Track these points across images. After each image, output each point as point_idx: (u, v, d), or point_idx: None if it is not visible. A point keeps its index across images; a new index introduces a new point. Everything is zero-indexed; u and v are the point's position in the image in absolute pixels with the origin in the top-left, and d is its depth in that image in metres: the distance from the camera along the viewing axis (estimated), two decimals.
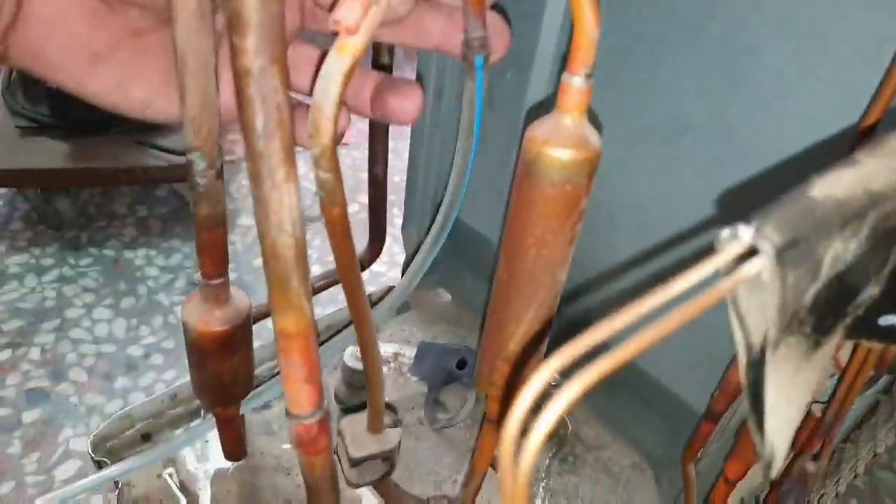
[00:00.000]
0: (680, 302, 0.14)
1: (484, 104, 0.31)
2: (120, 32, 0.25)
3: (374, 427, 0.38)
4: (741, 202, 0.39)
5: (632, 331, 0.13)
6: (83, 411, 0.83)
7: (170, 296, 1.01)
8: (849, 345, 0.35)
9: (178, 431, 0.61)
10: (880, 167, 0.15)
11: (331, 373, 0.65)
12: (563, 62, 0.23)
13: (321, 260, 1.12)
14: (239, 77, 0.17)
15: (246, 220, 1.20)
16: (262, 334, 0.42)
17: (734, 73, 0.37)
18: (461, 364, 0.64)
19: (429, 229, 0.67)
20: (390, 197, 1.30)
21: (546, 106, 0.24)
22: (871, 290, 0.17)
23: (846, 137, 0.33)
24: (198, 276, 0.33)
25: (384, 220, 0.63)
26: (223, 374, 0.34)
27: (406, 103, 0.27)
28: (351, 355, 0.59)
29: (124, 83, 0.25)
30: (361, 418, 0.39)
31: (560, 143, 0.24)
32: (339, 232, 0.26)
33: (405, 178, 0.64)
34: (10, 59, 0.24)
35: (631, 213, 0.46)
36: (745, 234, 0.14)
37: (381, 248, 0.65)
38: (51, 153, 1.07)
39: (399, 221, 0.70)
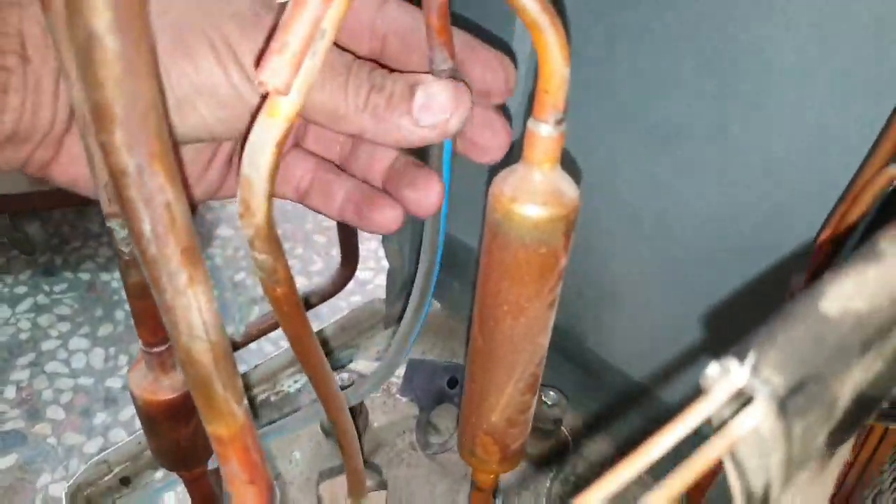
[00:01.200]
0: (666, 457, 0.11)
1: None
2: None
3: (356, 492, 0.35)
4: (739, 209, 0.36)
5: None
6: (61, 453, 0.80)
7: None
8: None
9: (158, 474, 0.58)
10: None
11: (315, 399, 0.62)
12: (531, 96, 0.20)
13: (304, 271, 1.09)
14: (115, 178, 0.14)
15: (225, 231, 1.17)
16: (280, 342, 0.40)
17: (731, 76, 0.34)
18: (452, 382, 0.61)
19: (410, 240, 0.64)
20: None
21: (513, 151, 0.21)
22: None
23: (849, 141, 0.30)
24: (140, 343, 0.31)
25: (355, 240, 0.60)
26: (180, 440, 0.33)
27: (425, 195, 0.27)
28: (343, 381, 0.57)
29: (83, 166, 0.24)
30: (342, 481, 0.36)
31: (530, 199, 0.20)
32: (286, 312, 0.23)
33: None
34: (51, 181, 0.25)
35: (625, 221, 0.43)
36: (738, 375, 0.11)
37: (353, 270, 0.62)
38: (16, 177, 1.03)
39: None
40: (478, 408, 0.26)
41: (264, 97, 0.18)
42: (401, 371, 0.63)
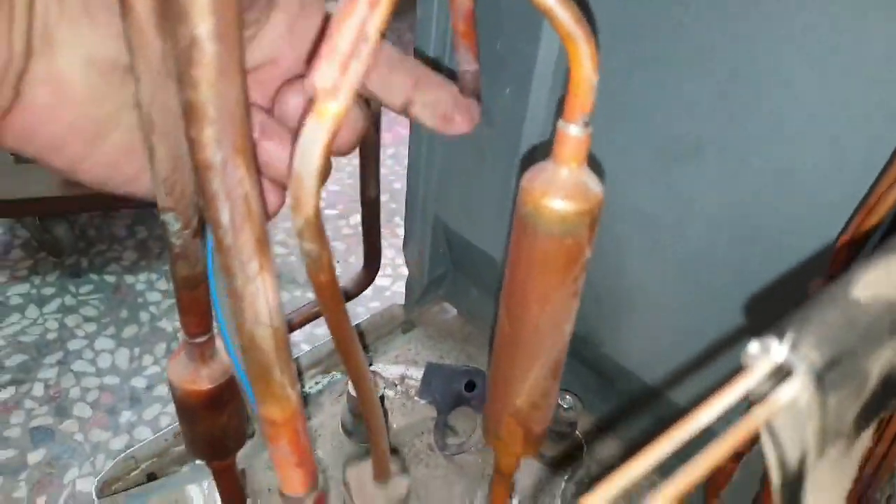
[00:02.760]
0: (709, 431, 0.12)
1: (482, 119, 0.30)
2: (119, 108, 0.23)
3: (380, 475, 0.36)
4: (755, 220, 0.37)
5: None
6: (88, 449, 0.82)
7: (172, 321, 1.00)
8: None
9: (184, 469, 0.60)
10: None
11: (336, 399, 0.63)
12: (561, 99, 0.21)
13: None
14: (200, 171, 0.16)
15: None
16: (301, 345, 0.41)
17: (748, 91, 0.35)
18: (470, 386, 0.62)
19: (431, 247, 0.66)
20: (392, 205, 1.29)
21: (541, 150, 0.22)
22: None
23: (864, 155, 0.31)
24: (181, 334, 0.32)
25: (378, 243, 0.61)
26: (214, 429, 0.34)
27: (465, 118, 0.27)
28: None
29: (118, 160, 0.24)
30: (367, 466, 0.37)
31: (558, 194, 0.22)
32: (328, 297, 0.24)
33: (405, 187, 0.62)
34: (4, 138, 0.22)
35: (643, 230, 0.44)
36: (778, 352, 0.12)
37: (376, 271, 0.63)
38: (47, 181, 1.06)
39: (402, 230, 0.68)
40: (504, 392, 0.27)
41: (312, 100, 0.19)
42: (420, 374, 0.65)
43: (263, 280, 0.18)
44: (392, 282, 1.08)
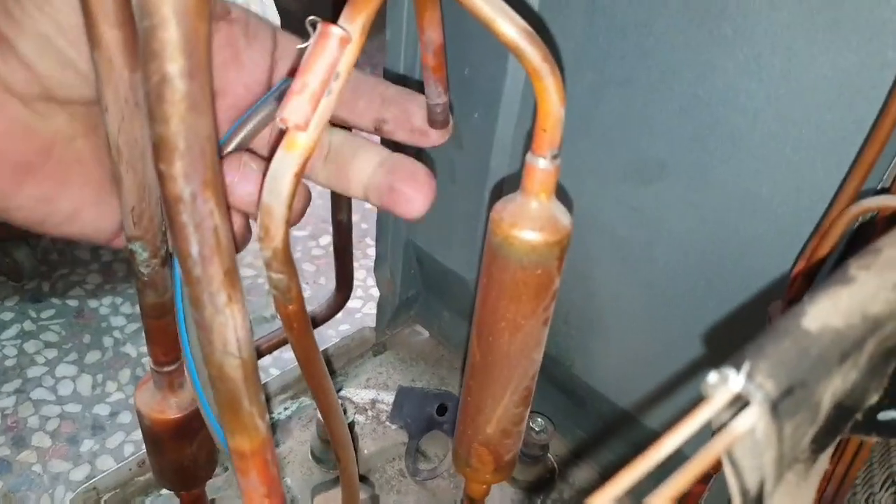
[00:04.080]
0: (672, 457, 0.13)
1: (452, 142, 0.30)
2: (49, 140, 0.23)
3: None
4: (719, 240, 0.39)
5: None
6: (47, 481, 0.79)
7: (137, 346, 0.98)
8: None
9: (148, 500, 0.58)
10: (877, 285, 0.14)
11: (306, 425, 0.62)
12: (529, 132, 0.22)
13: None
14: (169, 204, 0.16)
15: None
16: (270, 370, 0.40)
17: (709, 118, 0.36)
18: (441, 410, 0.62)
19: (403, 268, 0.66)
20: (363, 225, 1.29)
21: (510, 181, 0.23)
22: (871, 399, 0.16)
23: (819, 178, 0.32)
24: (150, 363, 0.31)
25: (350, 267, 0.61)
26: (183, 459, 0.34)
27: (417, 194, 0.25)
28: None
29: (52, 196, 0.23)
30: (336, 494, 0.37)
31: (528, 226, 0.22)
32: (296, 328, 0.24)
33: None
34: None
35: (611, 251, 0.45)
36: (735, 382, 0.12)
37: (347, 296, 0.63)
38: None
39: (373, 251, 0.68)
40: (474, 420, 0.27)
41: (283, 132, 0.19)
42: (391, 398, 0.64)
43: (232, 311, 0.18)
44: (363, 303, 1.08)
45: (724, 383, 0.13)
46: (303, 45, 0.18)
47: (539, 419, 0.54)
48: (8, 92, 0.21)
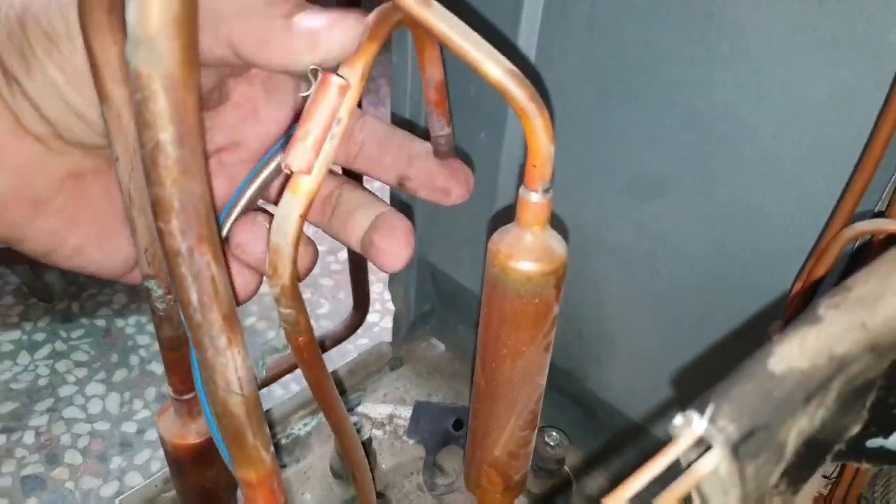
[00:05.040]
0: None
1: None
2: (61, 177, 0.24)
3: None
4: (723, 255, 0.39)
5: None
6: (79, 497, 0.81)
7: (162, 365, 1.00)
8: None
9: None
10: (845, 324, 0.14)
11: (325, 441, 0.63)
12: (522, 166, 0.23)
13: (312, 314, 1.12)
14: (168, 257, 0.17)
15: None
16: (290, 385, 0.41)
17: (709, 133, 0.36)
18: (458, 424, 0.62)
19: (417, 284, 0.66)
20: None
21: (510, 212, 0.24)
22: (851, 432, 0.16)
23: (820, 193, 0.32)
24: (169, 390, 0.32)
25: (366, 287, 0.63)
26: (205, 481, 0.35)
27: (393, 249, 0.26)
28: None
29: (61, 230, 0.24)
30: None
31: (524, 257, 0.23)
32: (307, 358, 0.25)
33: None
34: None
35: (618, 266, 0.45)
36: (698, 425, 0.13)
37: (365, 314, 0.64)
38: None
39: None
40: (482, 443, 0.28)
41: (289, 176, 0.20)
42: (408, 413, 0.65)
43: (233, 353, 0.19)
44: (381, 317, 1.09)
45: (689, 426, 0.13)
46: (305, 94, 0.19)
47: (554, 433, 0.54)
48: (23, 129, 0.22)
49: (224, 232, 0.26)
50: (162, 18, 0.14)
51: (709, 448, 0.13)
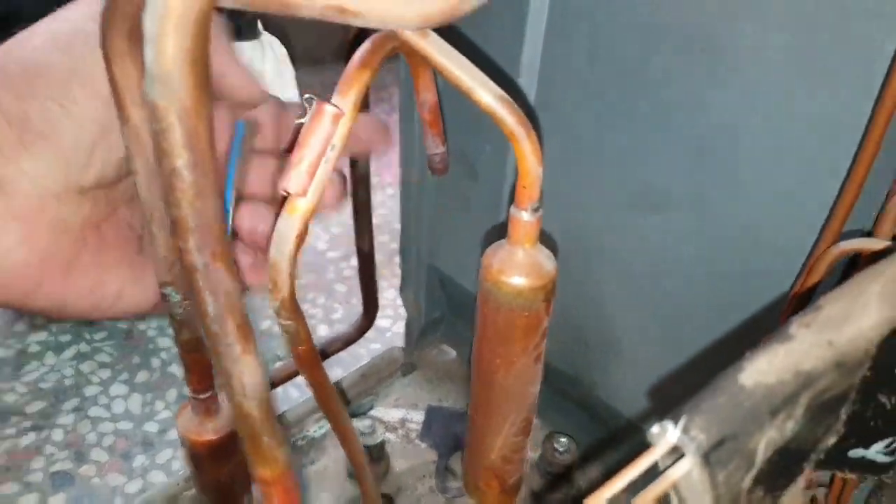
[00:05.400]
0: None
1: (467, 174, 0.32)
2: (82, 230, 0.24)
3: None
4: (720, 266, 0.39)
5: None
6: (106, 493, 0.84)
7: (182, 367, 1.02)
8: None
9: None
10: (813, 342, 0.15)
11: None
12: (513, 187, 0.24)
13: (326, 319, 1.13)
14: (187, 272, 0.18)
15: None
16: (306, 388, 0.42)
17: (708, 147, 0.37)
18: None
19: (427, 291, 0.67)
20: (393, 245, 1.31)
21: (501, 229, 0.25)
22: (827, 442, 0.17)
23: (812, 209, 0.33)
24: (188, 389, 0.34)
25: (375, 292, 0.64)
26: (221, 476, 0.36)
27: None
28: (364, 428, 0.59)
29: (98, 281, 0.25)
30: None
31: (514, 272, 0.24)
32: (308, 367, 0.27)
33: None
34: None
35: (620, 276, 0.46)
36: (672, 434, 0.14)
37: (374, 317, 0.66)
38: None
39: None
40: (478, 448, 0.29)
41: (285, 198, 0.22)
42: (420, 417, 0.66)
43: (247, 361, 0.20)
44: (393, 322, 1.10)
45: (664, 435, 0.14)
46: (300, 121, 0.20)
47: (563, 439, 0.55)
48: (46, 192, 0.22)
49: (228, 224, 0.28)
50: (176, 55, 0.15)
51: (682, 455, 0.14)
